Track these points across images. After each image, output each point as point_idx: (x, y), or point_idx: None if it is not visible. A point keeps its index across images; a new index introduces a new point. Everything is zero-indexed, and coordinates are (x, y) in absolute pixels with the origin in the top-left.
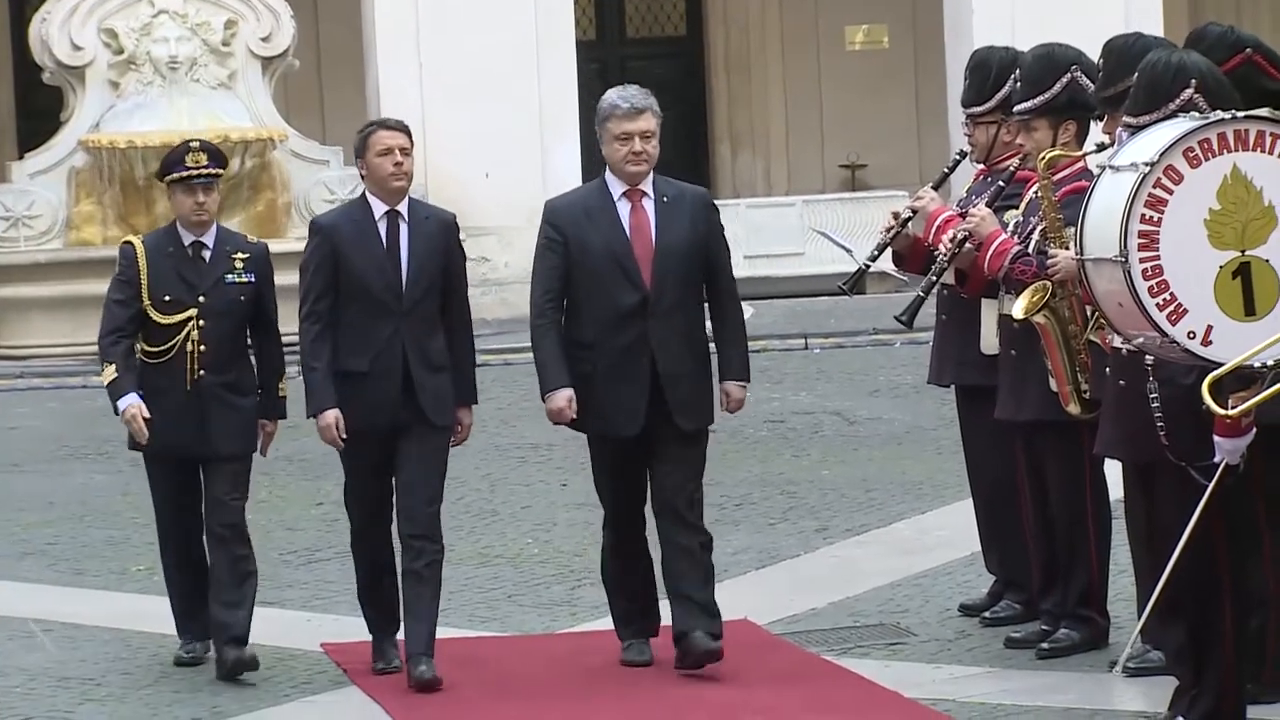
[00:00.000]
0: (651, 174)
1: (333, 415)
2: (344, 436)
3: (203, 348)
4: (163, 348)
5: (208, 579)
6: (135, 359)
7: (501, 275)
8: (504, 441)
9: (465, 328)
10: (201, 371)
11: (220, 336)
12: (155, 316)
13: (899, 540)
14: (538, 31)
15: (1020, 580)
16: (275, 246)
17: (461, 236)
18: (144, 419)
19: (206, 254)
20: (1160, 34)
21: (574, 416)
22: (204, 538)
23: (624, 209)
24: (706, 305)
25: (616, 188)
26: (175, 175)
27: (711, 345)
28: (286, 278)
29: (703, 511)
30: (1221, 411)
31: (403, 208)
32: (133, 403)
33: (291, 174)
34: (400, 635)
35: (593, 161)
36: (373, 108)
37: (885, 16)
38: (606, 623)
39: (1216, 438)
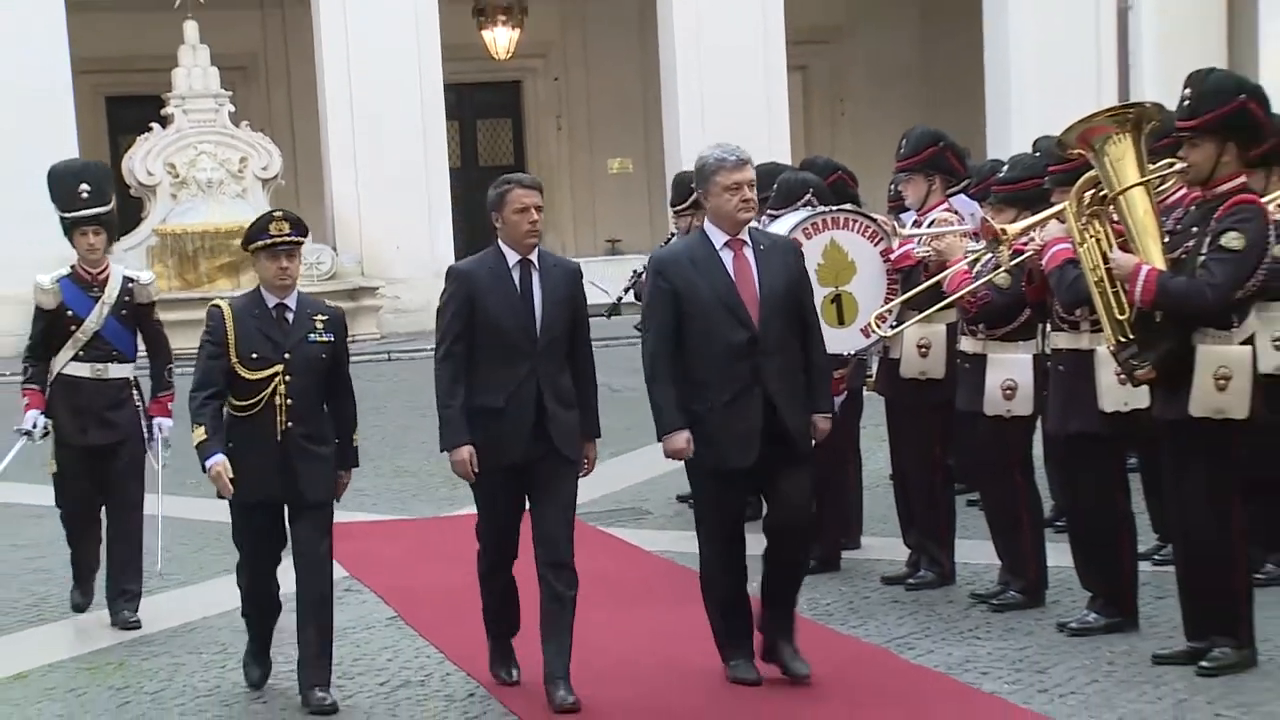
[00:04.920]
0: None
1: (467, 451)
2: (477, 471)
3: (289, 401)
4: (250, 401)
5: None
6: (223, 419)
7: (405, 305)
8: (421, 402)
9: (588, 367)
10: (289, 423)
11: (305, 390)
12: (242, 372)
13: (646, 458)
14: (427, 161)
15: None
16: None
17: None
18: (229, 478)
19: (290, 315)
20: (789, 161)
21: (692, 454)
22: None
23: (727, 256)
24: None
25: (718, 238)
26: (260, 243)
27: None
28: None
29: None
30: None
31: (533, 256)
32: (218, 461)
33: None
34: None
35: (459, 240)
36: (329, 207)
37: (631, 153)
38: None
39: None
